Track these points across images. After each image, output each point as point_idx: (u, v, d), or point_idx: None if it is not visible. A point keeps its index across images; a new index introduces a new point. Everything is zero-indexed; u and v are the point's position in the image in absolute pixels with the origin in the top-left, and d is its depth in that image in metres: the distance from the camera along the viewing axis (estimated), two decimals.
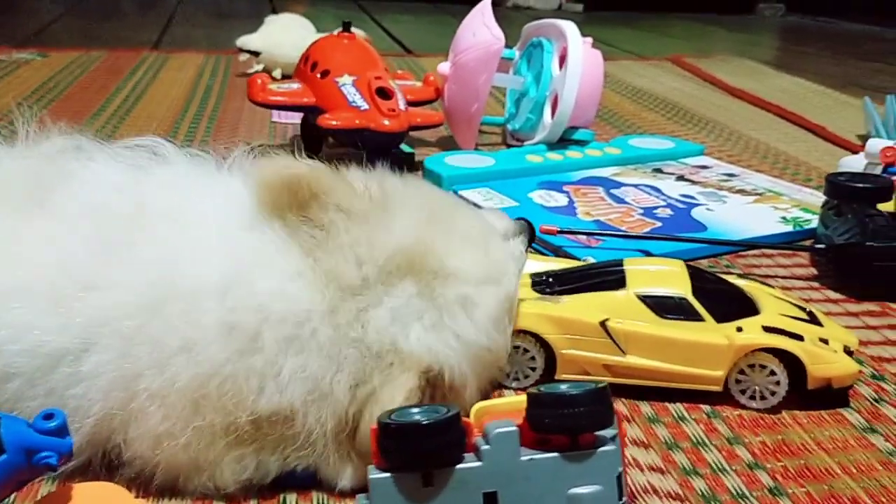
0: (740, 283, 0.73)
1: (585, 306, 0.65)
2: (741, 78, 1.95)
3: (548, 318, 0.64)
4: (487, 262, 0.57)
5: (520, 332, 0.64)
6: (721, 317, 0.65)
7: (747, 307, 0.68)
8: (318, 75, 1.21)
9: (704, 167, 1.22)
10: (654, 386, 0.65)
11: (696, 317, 0.65)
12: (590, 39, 1.29)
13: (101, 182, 0.57)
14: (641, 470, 0.57)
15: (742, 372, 0.64)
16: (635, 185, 1.12)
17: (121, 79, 1.74)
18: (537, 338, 0.64)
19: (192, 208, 0.54)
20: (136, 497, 0.52)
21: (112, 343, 0.50)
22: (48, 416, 0.48)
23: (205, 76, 1.81)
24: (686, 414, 0.64)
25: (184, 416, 0.50)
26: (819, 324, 0.69)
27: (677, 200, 1.07)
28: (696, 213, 1.03)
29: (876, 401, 0.67)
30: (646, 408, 0.65)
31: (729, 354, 0.63)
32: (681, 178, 1.17)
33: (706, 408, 0.65)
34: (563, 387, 0.44)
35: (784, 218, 1.02)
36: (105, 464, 0.53)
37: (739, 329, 0.64)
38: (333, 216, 0.53)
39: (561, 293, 0.67)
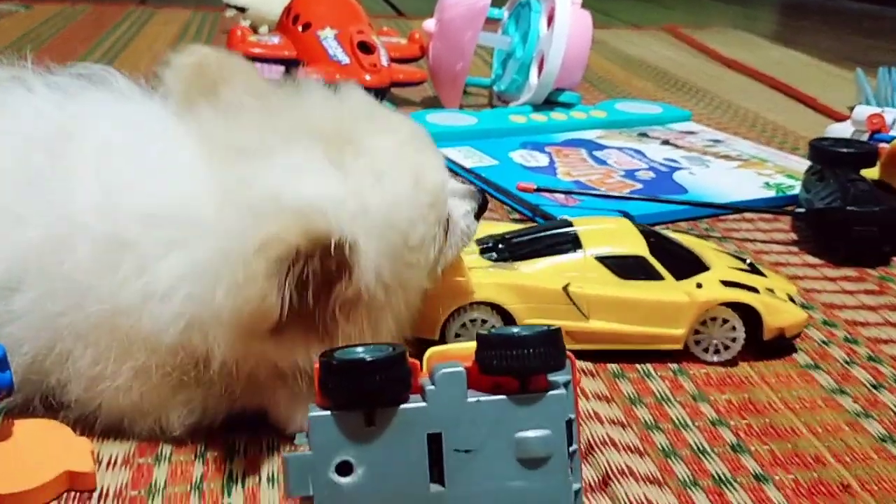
0: (677, 237, 0.72)
1: (544, 273, 0.63)
2: (735, 49, 1.93)
3: (507, 287, 0.61)
4: (410, 151, 0.51)
5: (477, 304, 0.61)
6: (678, 274, 0.64)
7: (698, 263, 0.66)
8: (300, 28, 1.19)
9: (691, 132, 1.21)
10: (614, 349, 0.63)
11: (657, 276, 0.63)
12: (579, 0, 1.26)
13: (28, 111, 0.55)
14: (602, 423, 0.56)
15: (701, 326, 0.63)
16: (619, 148, 1.11)
17: (104, 32, 1.71)
18: (496, 307, 0.61)
19: (105, 132, 0.52)
20: (80, 435, 0.51)
21: (35, 281, 0.48)
22: None
23: (190, 31, 1.78)
24: (652, 371, 0.63)
25: (114, 356, 0.48)
26: (762, 274, 0.68)
27: (660, 164, 1.05)
28: (678, 176, 1.01)
29: (847, 363, 0.65)
30: (612, 364, 0.63)
31: (691, 312, 0.62)
32: (666, 142, 1.15)
33: (673, 365, 0.64)
34: (515, 329, 0.42)
35: (767, 183, 1.00)
36: (46, 405, 0.51)
37: (699, 285, 0.63)
38: (244, 98, 0.51)
39: (512, 259, 0.65)
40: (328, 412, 0.40)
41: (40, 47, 1.55)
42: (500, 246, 0.66)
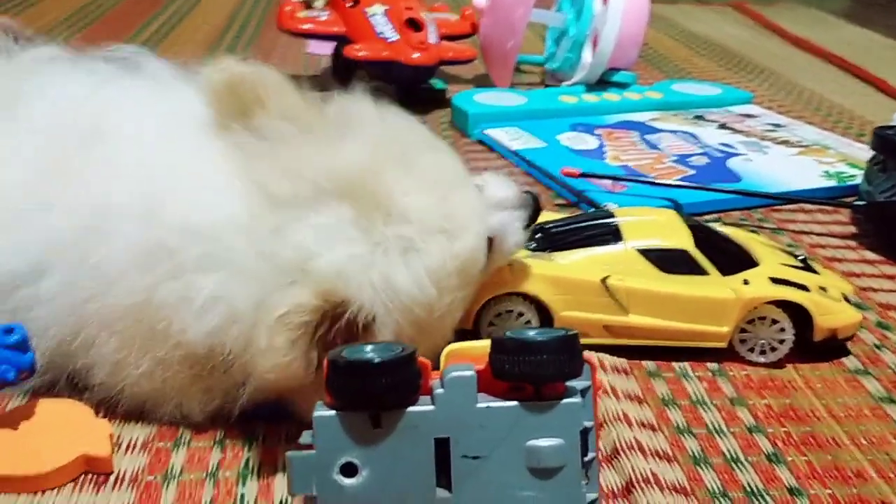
0: (727, 230, 0.68)
1: (583, 264, 0.61)
2: (804, 27, 1.85)
3: (543, 278, 0.59)
4: (444, 210, 0.49)
5: (513, 294, 0.59)
6: (725, 269, 0.61)
7: (746, 258, 0.63)
8: (349, 4, 1.17)
9: (750, 116, 1.16)
10: (655, 346, 0.61)
11: (701, 270, 0.61)
12: None
13: (60, 97, 0.55)
14: (630, 426, 0.54)
15: (747, 325, 0.60)
16: (672, 132, 1.07)
17: (162, 3, 1.72)
18: (531, 299, 0.59)
19: (140, 124, 0.51)
20: (101, 417, 0.51)
21: (62, 268, 0.48)
22: (8, 331, 0.47)
23: (248, 2, 1.78)
24: (690, 370, 0.60)
25: (139, 345, 0.48)
26: (814, 271, 0.65)
27: (715, 149, 1.01)
28: (732, 162, 0.97)
29: None
30: (648, 362, 0.61)
31: (737, 309, 0.59)
32: (723, 126, 1.11)
33: (712, 365, 0.61)
34: (531, 332, 0.40)
35: (827, 172, 0.95)
36: (72, 385, 0.52)
37: (746, 282, 0.60)
38: (278, 125, 0.49)
39: (552, 249, 0.62)
40: (334, 412, 0.39)
41: (99, 18, 1.56)
42: (539, 235, 0.64)
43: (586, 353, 0.41)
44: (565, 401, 0.40)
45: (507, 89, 1.20)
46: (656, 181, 0.88)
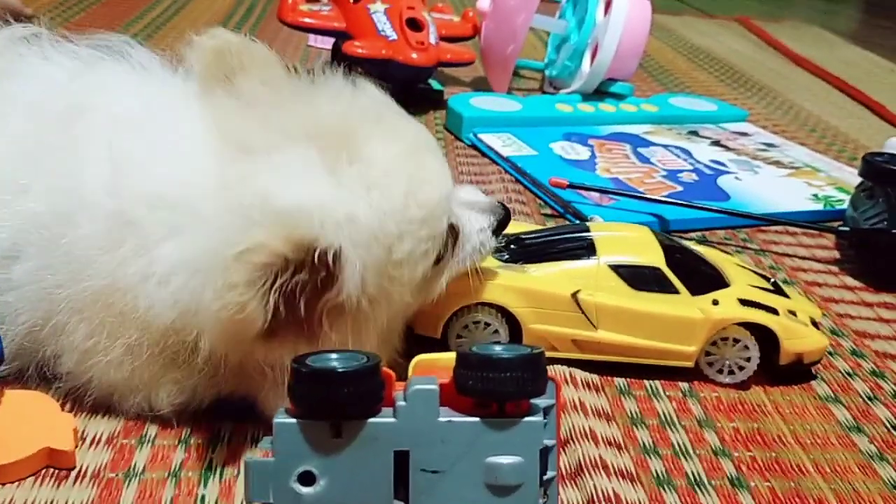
0: (701, 249, 0.69)
1: (554, 277, 0.61)
2: (807, 46, 1.85)
3: (514, 290, 0.59)
4: (411, 163, 0.50)
5: (482, 305, 0.59)
6: (695, 289, 0.61)
7: (717, 278, 0.64)
8: (352, 0, 1.17)
9: (744, 134, 1.16)
10: (621, 362, 0.61)
11: (671, 289, 0.61)
12: None
13: (41, 79, 0.55)
14: (597, 443, 0.54)
15: (712, 345, 0.60)
16: (665, 146, 1.07)
17: None
18: (501, 310, 0.59)
19: (120, 104, 0.51)
20: (67, 411, 0.51)
21: (35, 252, 0.48)
22: None
23: None
24: (661, 389, 0.61)
25: (108, 331, 0.48)
26: (785, 295, 0.65)
27: (706, 166, 1.01)
28: (723, 181, 0.97)
29: (869, 399, 0.62)
30: (619, 379, 0.61)
31: (705, 329, 0.59)
32: (716, 143, 1.11)
33: (684, 385, 0.61)
34: (497, 348, 0.40)
35: (816, 195, 0.95)
36: (40, 375, 0.52)
37: (715, 302, 0.60)
38: (257, 88, 0.50)
39: (525, 261, 0.62)
40: (294, 420, 0.39)
41: (88, 8, 1.56)
42: (513, 246, 0.64)
43: (552, 371, 0.41)
44: (527, 419, 0.40)
45: (504, 94, 1.20)
46: (643, 196, 0.88)
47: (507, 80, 1.23)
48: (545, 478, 0.41)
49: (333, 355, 0.40)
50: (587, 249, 0.62)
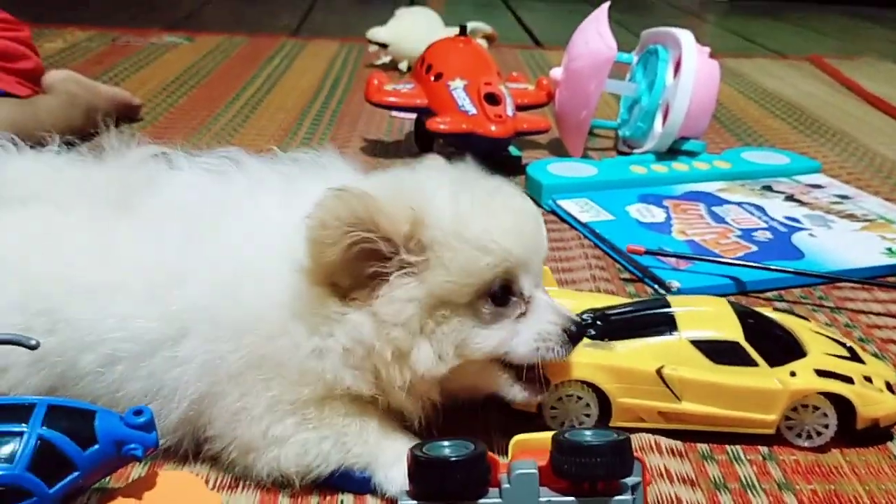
0: (778, 317, 0.72)
1: (639, 354, 0.65)
2: (883, 85, 1.86)
3: (602, 368, 0.64)
4: (502, 214, 0.58)
5: (574, 381, 0.65)
6: (773, 360, 0.65)
7: (794, 348, 0.67)
8: (432, 78, 1.26)
9: (818, 186, 1.19)
10: (707, 430, 0.65)
11: (750, 362, 0.65)
12: (707, 49, 1.27)
13: (185, 186, 0.64)
14: None
15: (793, 412, 0.64)
16: (739, 203, 1.11)
17: (258, 66, 1.84)
18: (591, 386, 0.65)
19: (257, 211, 0.61)
20: (212, 489, 0.59)
21: (200, 331, 0.57)
22: (137, 412, 0.55)
23: (336, 66, 1.89)
24: (742, 454, 0.65)
25: (256, 391, 0.56)
26: (860, 360, 0.68)
27: (780, 223, 1.05)
28: (797, 238, 1.01)
29: None
30: (702, 445, 0.65)
31: (783, 399, 0.64)
32: (790, 197, 1.14)
33: (763, 449, 0.65)
34: (588, 434, 0.46)
35: (890, 249, 0.98)
36: (194, 440, 0.60)
37: (793, 373, 0.64)
38: None
39: (611, 337, 0.67)
40: (415, 503, 0.46)
41: (201, 82, 1.69)
42: (599, 323, 0.69)
43: (638, 440, 0.46)
44: (616, 498, 0.45)
45: (579, 160, 1.26)
46: (719, 259, 0.92)
47: (583, 144, 1.29)
48: None
49: (445, 443, 0.46)
50: (669, 325, 0.67)
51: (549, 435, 0.50)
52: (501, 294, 0.58)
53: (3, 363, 0.60)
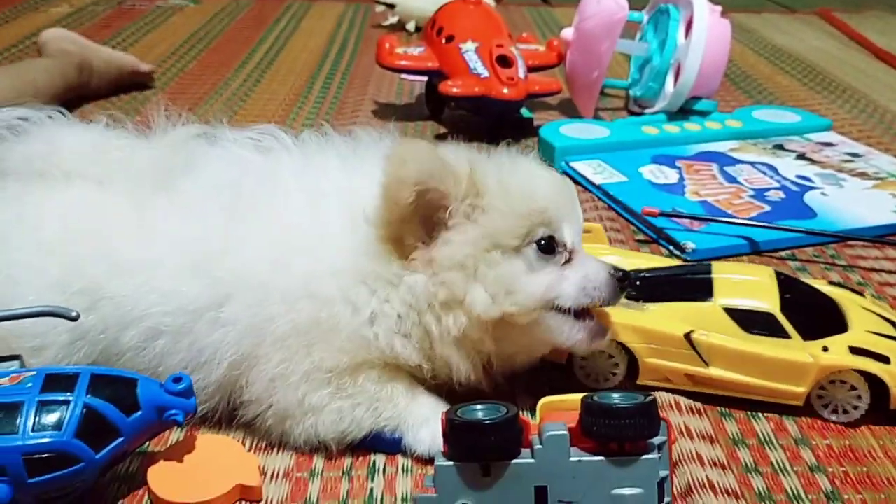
0: (831, 291, 0.72)
1: (670, 316, 0.66)
2: (893, 39, 1.85)
3: (632, 328, 0.66)
4: (541, 176, 0.64)
5: None
6: (808, 333, 0.65)
7: (836, 322, 0.68)
8: (443, 40, 1.26)
9: (829, 144, 1.20)
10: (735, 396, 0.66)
11: (783, 333, 0.66)
12: (719, 8, 1.27)
13: (229, 162, 0.66)
14: (716, 494, 0.58)
15: (824, 387, 0.65)
16: (751, 163, 1.12)
17: (265, 28, 1.84)
18: (621, 345, 0.66)
19: (314, 184, 0.63)
20: (248, 451, 0.61)
21: (247, 294, 0.59)
22: (177, 380, 0.57)
23: (343, 27, 1.88)
24: (773, 437, 0.65)
25: (297, 357, 0.58)
26: None
27: (792, 182, 1.06)
28: (809, 197, 1.02)
29: None
30: (732, 427, 0.66)
31: (813, 373, 0.64)
32: (801, 156, 1.15)
33: (794, 431, 0.65)
34: (615, 397, 0.48)
35: None
36: (229, 406, 0.62)
37: (825, 349, 0.65)
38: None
39: (646, 299, 0.68)
40: (451, 463, 0.48)
41: (209, 46, 1.68)
42: (638, 283, 0.70)
43: (660, 398, 0.48)
44: (645, 457, 0.47)
45: (591, 121, 1.26)
46: (732, 220, 0.94)
47: (594, 105, 1.30)
48: (664, 502, 0.48)
49: (479, 406, 0.48)
50: (705, 291, 0.68)
51: (574, 397, 0.52)
52: (546, 242, 0.61)
53: (41, 342, 0.61)
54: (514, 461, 0.48)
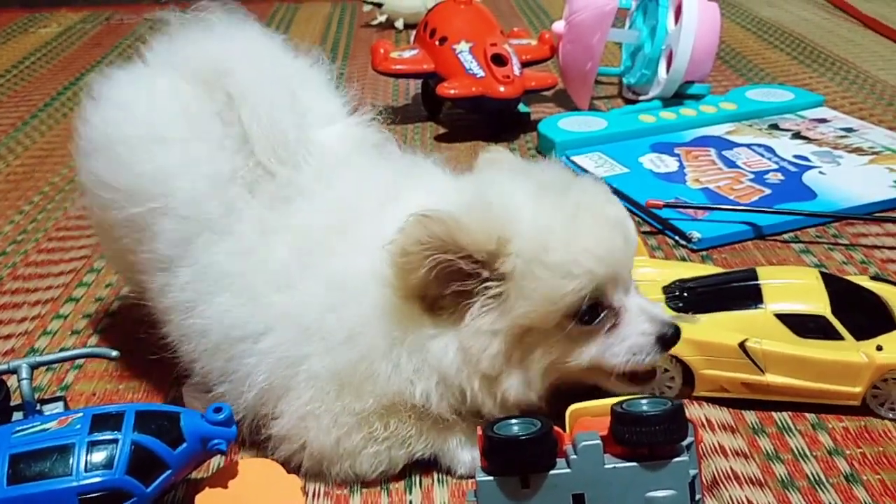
0: (873, 286, 0.73)
1: (723, 327, 0.67)
2: (878, 4, 1.86)
3: (685, 341, 0.63)
4: (588, 228, 0.58)
5: None
6: (860, 333, 0.66)
7: (885, 319, 0.68)
8: (437, 42, 1.27)
9: (823, 121, 1.22)
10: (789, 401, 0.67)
11: (836, 335, 0.66)
12: None
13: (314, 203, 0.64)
14: (741, 484, 0.61)
15: (878, 385, 0.66)
16: (748, 145, 1.14)
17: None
18: (675, 358, 0.67)
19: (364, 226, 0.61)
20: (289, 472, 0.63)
21: (289, 330, 0.60)
22: (217, 410, 0.59)
23: (332, 29, 1.89)
24: (791, 424, 0.67)
25: (328, 399, 0.59)
26: None
27: (790, 163, 1.08)
28: (808, 177, 1.04)
29: None
30: (751, 416, 0.67)
31: (868, 373, 0.65)
32: (797, 134, 1.17)
33: (811, 417, 0.67)
34: (644, 404, 0.50)
35: None
36: (253, 429, 0.64)
37: (879, 348, 0.65)
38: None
39: (695, 310, 0.69)
40: (491, 477, 0.50)
41: None
42: (685, 295, 0.71)
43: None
44: (675, 460, 0.50)
45: (589, 113, 1.28)
46: (734, 207, 0.96)
47: (589, 95, 1.31)
48: (696, 500, 0.51)
49: (514, 421, 0.51)
50: (754, 298, 0.68)
51: (602, 402, 0.54)
52: (589, 312, 0.57)
53: None
54: (552, 472, 0.50)
